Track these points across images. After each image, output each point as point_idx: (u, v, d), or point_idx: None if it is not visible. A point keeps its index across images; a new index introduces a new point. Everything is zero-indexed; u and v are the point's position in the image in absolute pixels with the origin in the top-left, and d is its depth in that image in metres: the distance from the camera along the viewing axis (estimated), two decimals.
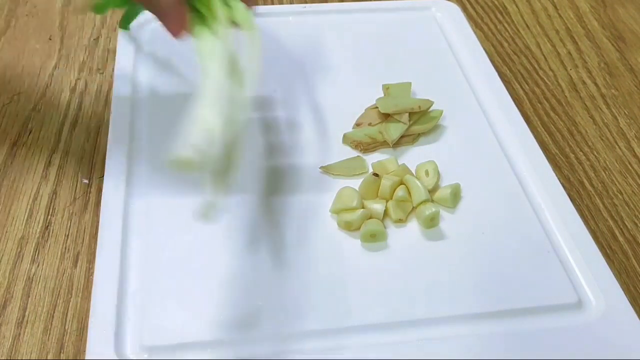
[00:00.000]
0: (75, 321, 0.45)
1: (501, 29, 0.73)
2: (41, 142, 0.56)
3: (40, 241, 0.49)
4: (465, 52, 0.64)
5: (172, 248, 0.46)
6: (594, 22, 0.75)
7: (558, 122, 0.62)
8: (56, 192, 0.53)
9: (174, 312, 0.42)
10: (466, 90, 0.60)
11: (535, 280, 0.45)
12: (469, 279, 0.45)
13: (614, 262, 0.50)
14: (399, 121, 0.54)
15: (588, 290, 0.45)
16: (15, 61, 0.64)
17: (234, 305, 0.43)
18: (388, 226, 0.48)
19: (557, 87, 0.66)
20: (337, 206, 0.49)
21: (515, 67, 0.68)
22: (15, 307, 0.45)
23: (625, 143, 0.60)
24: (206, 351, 0.41)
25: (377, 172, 0.50)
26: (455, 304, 0.44)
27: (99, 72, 0.62)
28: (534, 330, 0.43)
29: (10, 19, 0.69)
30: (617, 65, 0.69)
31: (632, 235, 0.52)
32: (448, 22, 0.68)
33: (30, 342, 0.43)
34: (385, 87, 0.58)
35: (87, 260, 0.48)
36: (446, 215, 0.49)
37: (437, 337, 0.42)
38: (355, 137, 0.54)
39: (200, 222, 0.40)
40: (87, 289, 0.46)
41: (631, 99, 0.65)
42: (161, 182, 0.50)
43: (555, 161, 0.58)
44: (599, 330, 0.43)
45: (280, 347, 0.41)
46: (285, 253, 0.46)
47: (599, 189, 0.56)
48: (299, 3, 0.73)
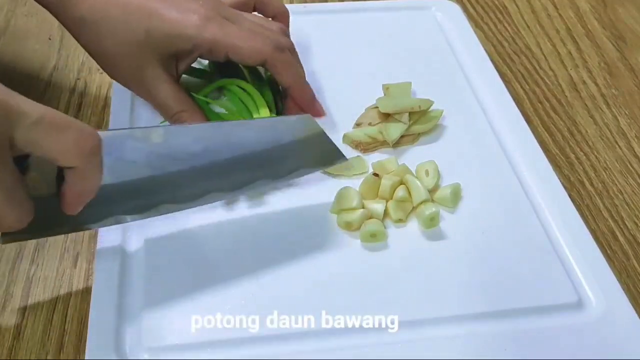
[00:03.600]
0: (75, 321, 0.45)
1: (501, 28, 0.73)
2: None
3: (40, 241, 0.49)
4: (466, 52, 0.64)
5: (172, 248, 0.46)
6: (594, 22, 0.75)
7: (558, 122, 0.62)
8: None
9: (174, 312, 0.42)
10: (466, 90, 0.60)
11: (535, 280, 0.45)
12: (469, 279, 0.45)
13: (614, 262, 0.50)
14: (399, 121, 0.54)
15: (588, 290, 0.45)
16: (15, 61, 0.64)
17: (234, 305, 0.43)
18: (388, 226, 0.48)
19: (557, 87, 0.66)
20: (337, 206, 0.49)
21: (515, 67, 0.68)
22: (15, 307, 0.45)
23: (626, 143, 0.60)
24: (206, 351, 0.41)
25: (377, 172, 0.50)
26: (455, 304, 0.44)
27: (99, 72, 0.62)
28: (534, 330, 0.43)
29: (9, 19, 0.69)
30: (618, 65, 0.69)
31: (632, 235, 0.52)
32: (448, 22, 0.68)
33: (30, 342, 0.43)
34: (385, 87, 0.58)
35: (87, 261, 0.48)
36: (446, 215, 0.49)
37: (438, 337, 0.42)
38: (355, 137, 0.54)
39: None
40: (86, 289, 0.46)
41: (631, 99, 0.65)
42: None
43: (556, 161, 0.58)
44: (599, 330, 0.43)
45: (280, 347, 0.41)
46: (286, 253, 0.46)
47: (600, 189, 0.56)
48: (299, 3, 0.73)
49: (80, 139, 0.35)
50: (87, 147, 0.35)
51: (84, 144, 0.35)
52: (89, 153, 0.36)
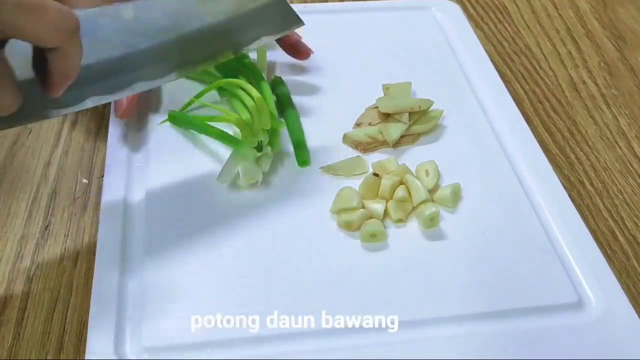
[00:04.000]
0: (75, 321, 0.45)
1: (501, 28, 0.73)
2: (41, 141, 0.56)
3: (40, 241, 0.49)
4: (465, 52, 0.64)
5: (172, 248, 0.46)
6: (594, 22, 0.75)
7: (558, 122, 0.62)
8: (56, 192, 0.53)
9: (174, 312, 0.42)
10: (466, 90, 0.60)
11: (535, 280, 0.45)
12: (469, 279, 0.45)
13: (614, 262, 0.50)
14: (399, 121, 0.54)
15: (588, 290, 0.45)
16: None
17: (234, 305, 0.43)
18: (388, 226, 0.48)
19: (557, 87, 0.66)
20: (337, 206, 0.49)
21: (515, 67, 0.68)
22: (15, 307, 0.45)
23: (626, 143, 0.60)
24: (206, 351, 0.41)
25: (377, 172, 0.50)
26: (455, 304, 0.44)
27: None
28: (534, 330, 0.43)
29: None
30: (618, 65, 0.69)
31: (632, 235, 0.52)
32: (448, 21, 0.68)
33: (30, 342, 0.43)
34: (385, 87, 0.58)
35: (87, 260, 0.48)
36: (446, 215, 0.49)
37: (438, 337, 0.42)
38: (355, 137, 0.54)
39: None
40: (86, 289, 0.46)
41: (631, 99, 0.65)
42: (161, 182, 0.50)
43: (556, 161, 0.58)
44: (599, 330, 0.43)
45: (280, 347, 0.41)
46: (285, 253, 0.46)
47: (600, 189, 0.56)
48: (299, 3, 0.73)
49: (61, 18, 0.36)
50: (69, 26, 0.36)
51: (65, 23, 0.36)
52: (71, 31, 0.36)
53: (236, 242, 0.47)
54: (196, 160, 0.52)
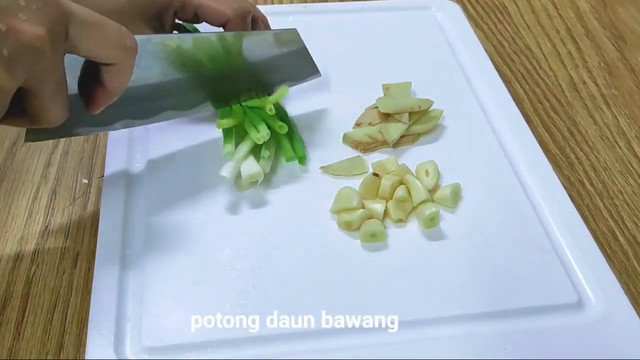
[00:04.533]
0: (75, 321, 0.45)
1: (501, 28, 0.73)
2: (41, 141, 0.56)
3: (40, 241, 0.49)
4: (465, 52, 0.64)
5: (172, 248, 0.46)
6: (594, 22, 0.75)
7: (558, 122, 0.62)
8: (56, 192, 0.53)
9: (174, 312, 0.42)
10: (466, 90, 0.60)
11: (535, 280, 0.45)
12: (469, 279, 0.45)
13: (615, 262, 0.50)
14: (399, 121, 0.54)
15: (588, 290, 0.45)
16: None
17: (234, 305, 0.43)
18: (388, 226, 0.48)
19: (557, 87, 0.66)
20: (337, 206, 0.49)
21: (515, 67, 0.68)
22: (15, 307, 0.45)
23: (626, 143, 0.60)
24: (206, 351, 0.41)
25: (377, 172, 0.50)
26: (455, 304, 0.44)
27: None
28: (534, 330, 0.43)
29: None
30: (618, 65, 0.69)
31: (632, 235, 0.52)
32: (448, 21, 0.68)
33: (30, 342, 0.43)
34: (385, 87, 0.58)
35: (87, 260, 0.48)
36: (446, 215, 0.49)
37: (437, 337, 0.42)
38: (355, 137, 0.54)
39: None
40: (86, 289, 0.46)
41: (631, 99, 0.65)
42: (161, 182, 0.50)
43: (556, 161, 0.58)
44: (599, 330, 0.43)
45: (280, 347, 0.41)
46: (285, 253, 0.46)
47: (600, 189, 0.56)
48: (299, 3, 0.73)
49: (121, 35, 0.38)
50: (128, 43, 0.38)
51: (124, 40, 0.38)
52: (129, 48, 0.38)
53: (236, 242, 0.47)
54: (196, 161, 0.52)
